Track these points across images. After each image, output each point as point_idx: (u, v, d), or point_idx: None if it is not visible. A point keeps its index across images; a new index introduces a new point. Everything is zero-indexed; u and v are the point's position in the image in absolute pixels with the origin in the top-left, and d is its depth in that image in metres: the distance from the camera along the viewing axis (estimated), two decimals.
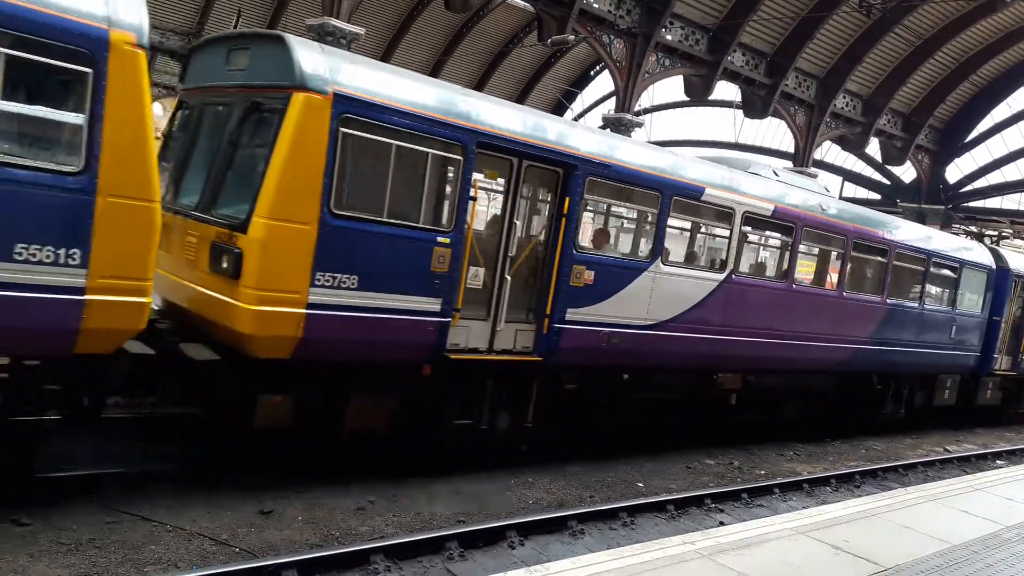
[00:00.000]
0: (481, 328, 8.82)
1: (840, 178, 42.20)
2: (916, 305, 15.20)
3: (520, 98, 41.25)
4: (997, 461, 15.22)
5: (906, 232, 15.19)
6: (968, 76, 35.54)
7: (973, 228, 38.46)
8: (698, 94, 30.69)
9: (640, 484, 10.32)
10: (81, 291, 5.91)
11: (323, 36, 21.42)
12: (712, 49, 29.13)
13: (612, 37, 26.77)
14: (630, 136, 27.00)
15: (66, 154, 5.87)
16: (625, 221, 11.15)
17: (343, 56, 7.83)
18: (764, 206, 11.63)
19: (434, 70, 37.25)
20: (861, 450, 14.74)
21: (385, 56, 34.77)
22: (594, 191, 9.59)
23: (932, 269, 15.42)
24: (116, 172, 5.90)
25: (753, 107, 32.01)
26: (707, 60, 29.16)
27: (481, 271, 8.69)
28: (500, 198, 9.01)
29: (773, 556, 6.31)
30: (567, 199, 9.14)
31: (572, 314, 9.43)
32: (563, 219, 9.15)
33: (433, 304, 8.15)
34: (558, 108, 43.99)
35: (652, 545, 6.30)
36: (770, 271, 12.96)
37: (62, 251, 5.78)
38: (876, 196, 41.00)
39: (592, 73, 43.77)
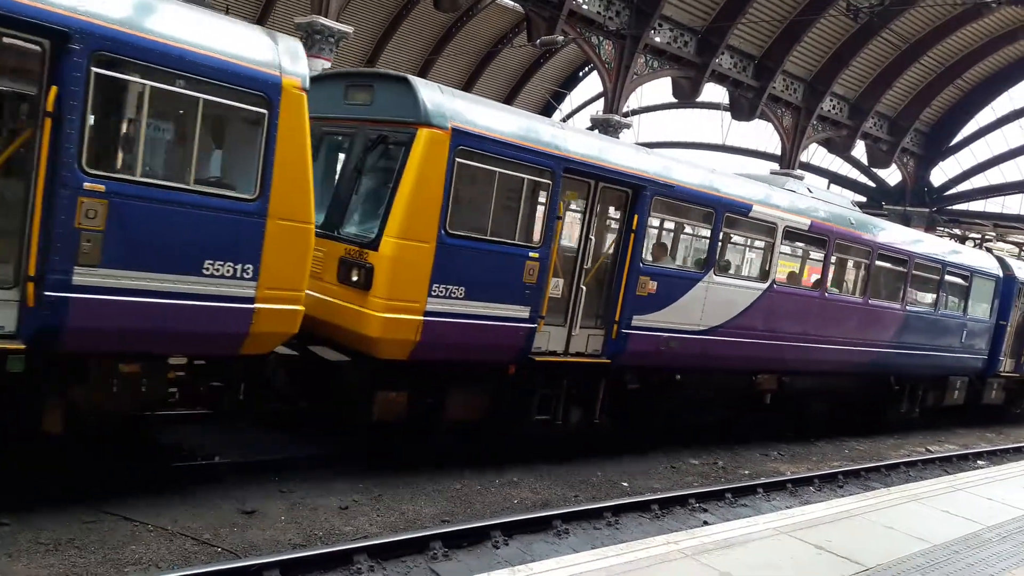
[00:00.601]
0: (558, 333, 9.78)
1: (826, 180, 42.41)
2: (931, 311, 16.22)
3: (509, 98, 41.25)
4: (978, 461, 15.34)
5: (924, 243, 16.38)
6: (953, 80, 35.85)
7: (957, 231, 38.89)
8: (686, 96, 30.80)
9: (625, 484, 10.34)
10: (251, 300, 6.87)
11: (311, 34, 21.36)
12: (700, 51, 29.25)
13: (601, 38, 26.82)
14: (618, 137, 27.07)
15: (245, 183, 6.80)
16: (682, 235, 11.94)
17: (456, 94, 8.76)
18: (802, 221, 12.59)
19: (423, 69, 37.19)
20: (844, 450, 14.82)
21: (373, 55, 34.73)
22: (658, 209, 10.45)
23: (946, 278, 16.39)
24: (283, 198, 6.89)
25: (740, 109, 32.15)
26: (695, 62, 29.26)
27: (560, 282, 9.65)
28: (578, 216, 9.91)
29: (756, 556, 6.32)
30: (636, 216, 10.03)
31: (637, 320, 10.34)
32: (632, 234, 10.04)
33: (523, 311, 9.12)
34: (547, 109, 44.01)
35: (636, 545, 6.30)
36: (805, 280, 13.91)
37: (239, 266, 6.75)
38: (862, 198, 41.23)
39: (581, 74, 43.83)
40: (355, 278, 8.23)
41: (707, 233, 11.20)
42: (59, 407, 6.53)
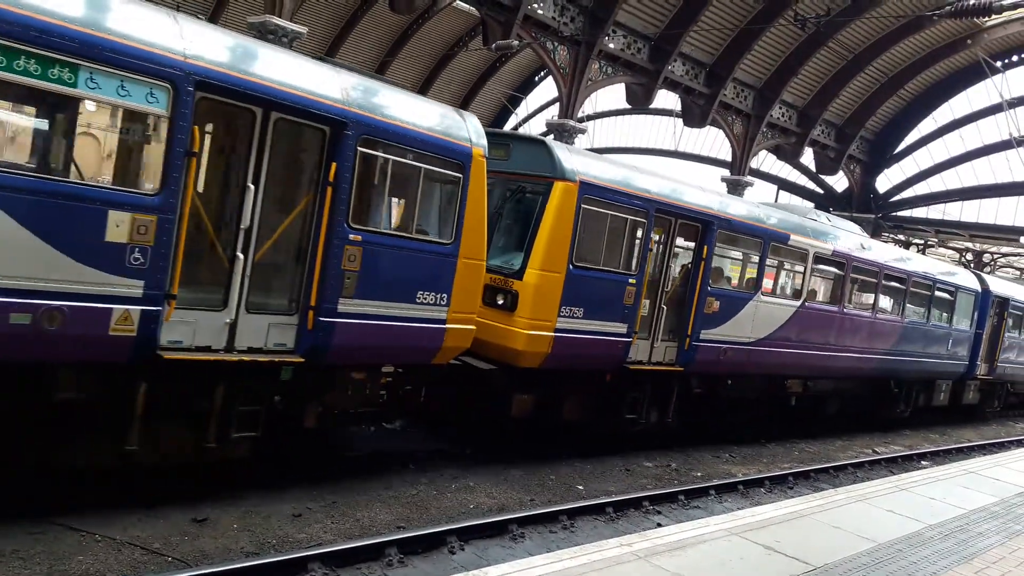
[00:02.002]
0: (644, 345, 11.65)
1: (775, 187, 43.23)
2: (924, 323, 18.57)
3: (465, 101, 41.24)
4: (922, 462, 15.80)
5: (919, 264, 18.89)
6: (896, 90, 36.87)
7: (901, 236, 39.97)
8: (639, 102, 31.09)
9: (580, 487, 10.41)
10: (444, 321, 8.76)
11: (264, 34, 21.06)
12: (653, 58, 29.57)
13: (556, 44, 26.96)
14: (572, 143, 27.25)
15: (445, 231, 8.78)
16: (737, 261, 13.84)
17: (580, 152, 10.90)
18: (826, 247, 14.78)
19: (378, 71, 36.94)
20: (794, 452, 15.13)
21: (328, 55, 34.38)
22: (721, 240, 12.38)
23: (936, 293, 18.79)
24: (468, 241, 8.84)
25: (692, 116, 32.55)
26: (648, 69, 29.56)
27: (647, 302, 11.50)
28: (659, 247, 11.75)
29: (707, 557, 6.42)
30: (705, 247, 12.01)
31: (704, 334, 12.30)
32: (701, 262, 12.02)
33: (622, 328, 10.99)
34: (503, 113, 44.14)
35: (590, 547, 6.34)
36: (828, 298, 15.82)
37: (438, 295, 8.67)
38: (810, 204, 42.16)
39: (536, 79, 44.05)
40: (501, 301, 10.10)
41: (756, 259, 13.22)
42: (316, 408, 8.35)
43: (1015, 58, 35.36)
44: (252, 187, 7.14)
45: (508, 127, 43.62)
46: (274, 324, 7.60)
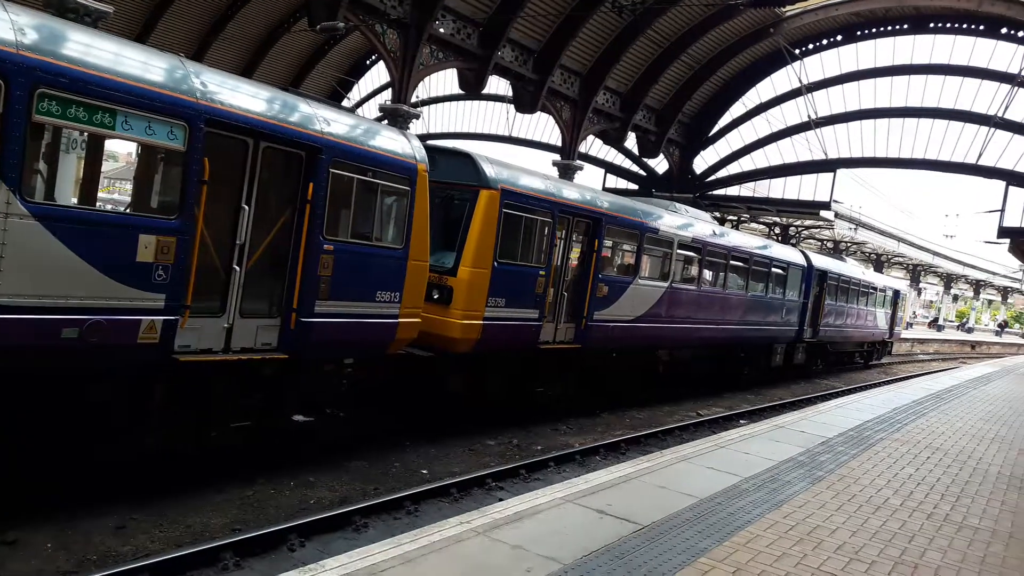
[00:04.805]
0: (550, 327, 13.43)
1: (603, 170, 44.99)
2: (764, 296, 21.50)
3: (294, 85, 39.72)
4: (740, 421, 17.09)
5: (758, 244, 22.06)
6: (709, 77, 39.33)
7: (717, 213, 42.78)
8: (471, 88, 31.27)
9: (424, 471, 10.46)
10: (397, 316, 9.99)
11: (63, 12, 19.26)
12: (483, 44, 29.80)
13: (385, 27, 26.57)
14: (407, 127, 27.04)
15: (397, 237, 10.01)
16: (618, 251, 15.70)
17: (498, 163, 12.23)
18: (687, 235, 17.17)
19: (197, 53, 34.93)
20: (626, 420, 15.92)
21: (141, 36, 32.07)
22: (608, 234, 14.38)
23: (773, 270, 21.96)
24: (415, 245, 10.09)
25: (523, 102, 33.14)
26: (478, 54, 29.75)
27: (552, 290, 13.26)
28: (561, 242, 13.52)
29: (544, 525, 6.63)
30: (596, 240, 13.93)
31: (597, 316, 14.29)
32: (594, 254, 13.94)
33: (534, 313, 12.81)
34: (334, 97, 42.91)
35: (430, 529, 6.39)
36: (688, 278, 17.78)
37: (393, 293, 9.86)
38: (635, 186, 44.25)
39: (368, 63, 43.28)
40: (437, 296, 11.38)
41: (633, 248, 15.31)
42: (295, 398, 9.46)
43: (811, 46, 38.73)
44: (246, 207, 8.19)
45: None
46: (261, 326, 8.59)
